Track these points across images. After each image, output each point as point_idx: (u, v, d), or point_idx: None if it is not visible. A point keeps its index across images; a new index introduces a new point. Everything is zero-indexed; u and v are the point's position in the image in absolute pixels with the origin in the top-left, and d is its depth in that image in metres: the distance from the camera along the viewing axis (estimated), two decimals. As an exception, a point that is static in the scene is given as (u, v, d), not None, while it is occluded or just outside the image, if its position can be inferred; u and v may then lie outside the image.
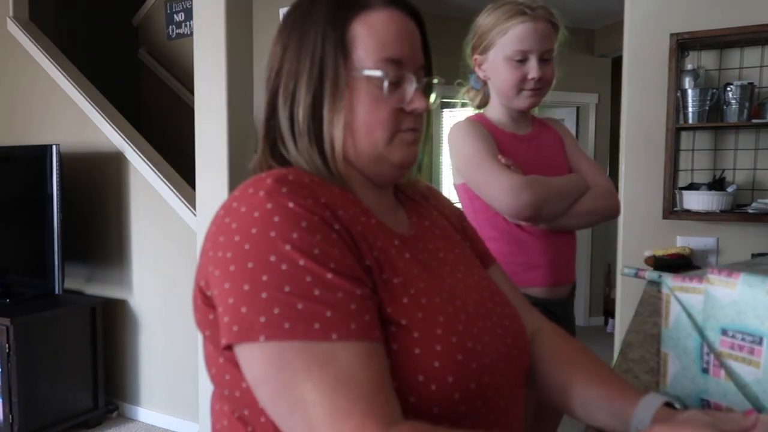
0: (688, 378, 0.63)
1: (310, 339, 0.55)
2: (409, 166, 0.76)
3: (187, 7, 3.82)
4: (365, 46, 0.70)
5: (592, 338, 4.42)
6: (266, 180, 0.63)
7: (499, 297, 0.78)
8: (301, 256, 0.58)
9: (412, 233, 0.76)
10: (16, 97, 3.41)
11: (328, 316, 0.56)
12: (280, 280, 0.57)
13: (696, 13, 2.09)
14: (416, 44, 0.74)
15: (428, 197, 0.89)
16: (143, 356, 3.08)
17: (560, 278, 1.37)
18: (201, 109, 2.55)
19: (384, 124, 0.71)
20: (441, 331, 0.63)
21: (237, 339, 0.57)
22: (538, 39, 1.28)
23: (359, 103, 0.70)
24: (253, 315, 0.56)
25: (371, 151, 0.72)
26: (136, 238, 3.06)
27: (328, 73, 0.69)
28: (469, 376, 0.63)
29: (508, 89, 1.33)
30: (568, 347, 0.82)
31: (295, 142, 0.72)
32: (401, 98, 0.72)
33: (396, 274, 0.66)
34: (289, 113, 0.72)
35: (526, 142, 1.39)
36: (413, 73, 0.73)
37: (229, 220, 0.62)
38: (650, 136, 2.16)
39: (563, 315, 1.39)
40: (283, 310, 0.56)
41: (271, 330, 0.55)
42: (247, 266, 0.58)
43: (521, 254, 1.34)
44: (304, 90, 0.70)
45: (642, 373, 1.00)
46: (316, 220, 0.61)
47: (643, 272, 1.72)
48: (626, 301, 2.23)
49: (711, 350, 0.66)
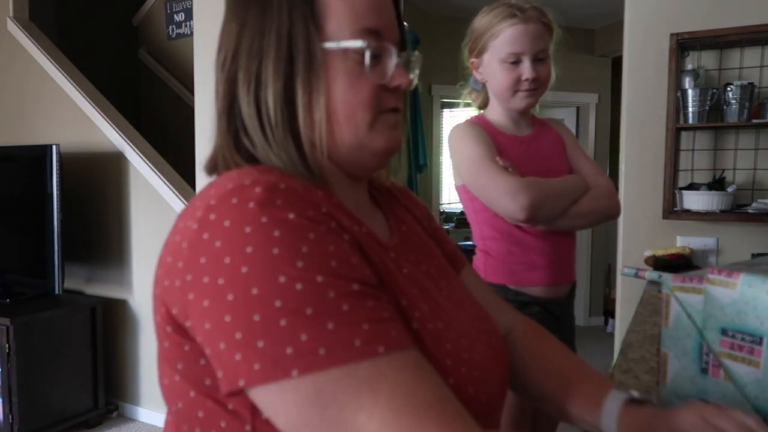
0: (687, 378, 0.63)
1: (353, 360, 0.46)
2: (392, 153, 0.66)
3: (187, 7, 3.82)
4: (338, 15, 0.60)
5: (592, 338, 4.43)
6: (254, 189, 0.51)
7: (479, 313, 0.72)
8: (318, 272, 0.48)
9: (395, 242, 0.67)
10: (16, 97, 3.41)
11: (366, 329, 0.48)
12: (299, 303, 0.47)
13: (696, 13, 2.09)
14: (392, 15, 0.65)
15: (397, 196, 0.79)
16: (143, 356, 3.08)
17: (560, 278, 1.38)
18: (201, 109, 2.55)
19: (366, 104, 0.61)
20: (451, 362, 0.57)
21: (263, 379, 0.46)
22: (530, 40, 1.29)
23: (336, 82, 0.60)
24: (276, 348, 0.46)
25: (352, 138, 0.62)
26: (136, 238, 3.06)
27: (300, 49, 0.59)
28: (480, 408, 0.59)
29: (504, 91, 1.34)
30: (540, 344, 0.80)
31: (265, 134, 0.60)
32: (382, 74, 0.62)
33: (402, 295, 0.58)
34: (254, 100, 0.60)
35: (526, 143, 1.39)
36: (393, 46, 0.64)
37: (209, 237, 0.50)
38: (650, 136, 2.16)
39: (563, 314, 1.40)
40: (312, 335, 0.46)
41: (303, 360, 0.45)
42: (251, 293, 0.47)
43: (521, 254, 1.34)
44: (271, 71, 0.60)
45: (642, 373, 1.00)
46: (324, 230, 0.52)
47: (643, 272, 1.72)
48: (626, 301, 2.23)
49: (710, 350, 0.66)
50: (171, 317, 0.53)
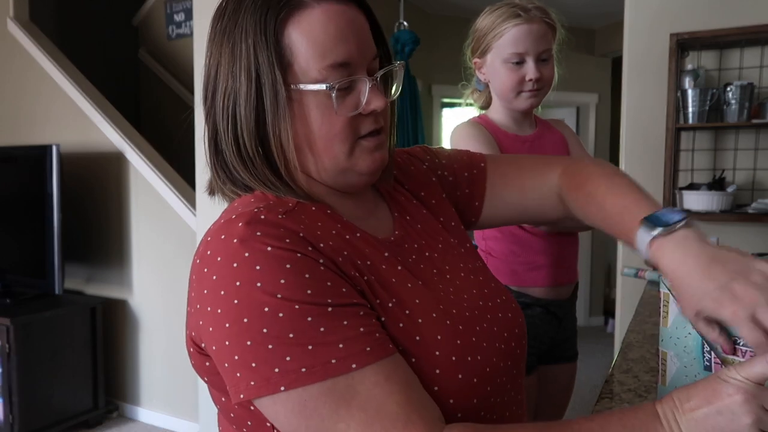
0: (690, 376, 0.64)
1: (330, 376, 0.54)
2: (377, 171, 0.70)
3: (187, 7, 3.82)
4: (305, 55, 0.62)
5: (592, 338, 4.42)
6: (237, 224, 0.59)
7: (487, 287, 0.75)
8: (295, 301, 0.56)
9: (398, 234, 0.72)
10: (16, 97, 3.41)
11: (341, 347, 0.55)
12: (282, 329, 0.55)
13: (696, 13, 2.09)
14: (364, 36, 0.66)
15: (402, 181, 0.81)
16: (143, 356, 3.08)
17: (562, 278, 1.37)
18: (201, 109, 2.55)
19: (340, 136, 0.64)
20: (440, 353, 0.62)
21: (258, 393, 0.55)
22: (534, 40, 1.29)
23: (311, 117, 0.64)
24: (266, 368, 0.55)
25: (333, 165, 0.66)
26: (136, 238, 3.06)
27: (266, 91, 0.62)
28: (470, 393, 0.63)
29: (508, 91, 1.33)
30: (578, 195, 0.80)
31: (246, 167, 0.65)
32: (356, 102, 0.65)
33: (390, 296, 0.63)
34: (233, 135, 0.65)
35: (528, 143, 1.39)
36: (365, 70, 0.65)
37: (208, 271, 0.59)
38: (650, 136, 2.16)
39: (565, 315, 1.40)
40: (294, 356, 0.54)
41: (288, 378, 0.54)
42: (243, 322, 0.55)
43: (524, 254, 1.34)
44: (243, 109, 0.63)
45: (642, 372, 1.00)
46: (299, 258, 0.58)
47: (643, 272, 1.73)
48: (626, 301, 2.23)
49: (711, 348, 0.66)
50: (192, 339, 0.63)
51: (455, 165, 0.87)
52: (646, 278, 1.72)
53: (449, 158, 0.88)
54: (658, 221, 0.63)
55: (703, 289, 0.58)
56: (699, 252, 0.59)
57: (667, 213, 0.64)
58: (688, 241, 0.61)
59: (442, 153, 0.89)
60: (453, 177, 0.86)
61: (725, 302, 0.56)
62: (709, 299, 0.57)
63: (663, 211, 0.64)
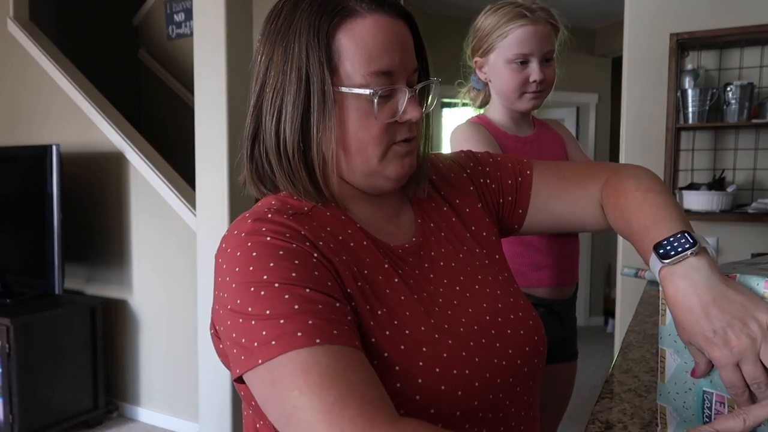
0: (689, 373, 0.64)
1: (295, 347, 0.56)
2: (405, 177, 0.72)
3: (187, 7, 3.82)
4: (352, 59, 0.66)
5: (592, 338, 4.43)
6: (247, 221, 0.65)
7: (503, 302, 0.75)
8: (277, 280, 0.59)
9: (416, 240, 0.74)
10: (16, 97, 3.41)
11: (310, 323, 0.57)
12: (262, 306, 0.58)
13: (696, 13, 2.09)
14: (407, 49, 0.70)
15: (438, 187, 0.83)
16: (143, 356, 3.08)
17: (565, 279, 1.37)
18: (201, 109, 2.55)
19: (376, 140, 0.68)
20: (423, 363, 0.62)
21: (245, 367, 0.58)
22: (539, 41, 1.28)
23: (349, 120, 0.67)
24: (250, 343, 0.58)
25: (364, 167, 0.70)
26: (136, 238, 3.06)
27: (315, 90, 0.66)
28: (453, 405, 0.63)
29: (510, 92, 1.32)
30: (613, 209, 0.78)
31: (281, 161, 0.69)
32: (393, 110, 0.68)
33: (381, 305, 0.65)
34: (275, 130, 0.68)
35: (528, 144, 1.39)
36: (405, 81, 0.69)
37: (221, 261, 0.65)
38: (650, 136, 2.16)
39: (566, 315, 1.40)
40: (269, 330, 0.57)
41: (263, 351, 0.57)
42: (237, 303, 0.60)
43: (528, 255, 1.34)
44: (290, 106, 0.67)
45: (642, 372, 1.00)
46: (294, 248, 0.62)
47: (643, 272, 1.73)
48: (626, 301, 2.23)
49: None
50: (213, 324, 0.68)
51: (500, 173, 0.87)
52: (646, 278, 1.72)
53: (494, 165, 0.88)
54: (671, 248, 0.63)
55: (699, 326, 0.59)
56: (705, 288, 0.60)
57: (680, 238, 0.64)
58: (697, 274, 0.61)
59: (486, 160, 0.89)
60: (496, 184, 0.86)
61: (715, 345, 0.58)
62: (701, 337, 0.59)
63: (678, 236, 0.64)
